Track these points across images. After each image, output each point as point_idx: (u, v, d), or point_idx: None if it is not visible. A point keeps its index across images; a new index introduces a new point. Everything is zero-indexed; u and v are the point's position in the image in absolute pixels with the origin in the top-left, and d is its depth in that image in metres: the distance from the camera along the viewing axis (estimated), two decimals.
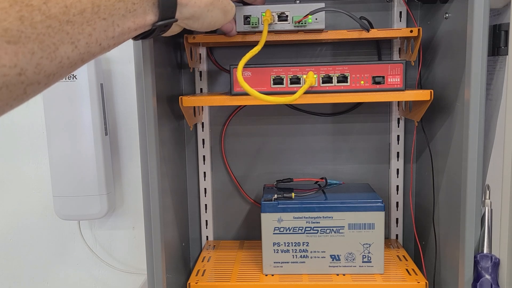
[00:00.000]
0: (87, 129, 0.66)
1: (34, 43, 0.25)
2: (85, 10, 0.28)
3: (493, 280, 0.45)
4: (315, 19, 0.50)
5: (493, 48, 0.47)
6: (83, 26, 0.28)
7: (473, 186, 0.45)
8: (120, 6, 0.31)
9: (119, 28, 0.31)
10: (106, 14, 0.29)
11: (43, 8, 0.25)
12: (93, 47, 0.29)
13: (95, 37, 0.29)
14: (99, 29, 0.29)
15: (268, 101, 0.46)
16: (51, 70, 0.27)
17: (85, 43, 0.28)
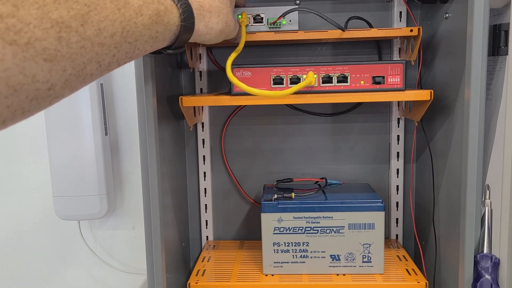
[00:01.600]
0: (87, 129, 0.66)
1: (67, 62, 0.26)
2: (115, 33, 0.30)
3: (493, 280, 0.45)
4: (289, 20, 0.52)
5: (493, 48, 0.47)
6: (110, 48, 0.30)
7: (473, 186, 0.45)
8: (146, 33, 0.33)
9: (138, 51, 0.33)
10: (132, 38, 0.32)
11: (80, 30, 0.27)
12: (113, 66, 0.31)
13: (117, 58, 0.31)
14: (122, 51, 0.31)
15: (262, 95, 0.47)
16: (75, 86, 0.28)
17: (108, 62, 0.30)
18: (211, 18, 0.41)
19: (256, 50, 0.65)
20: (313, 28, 0.60)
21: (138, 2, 0.32)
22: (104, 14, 0.29)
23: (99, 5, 0.28)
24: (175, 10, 0.36)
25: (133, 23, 0.31)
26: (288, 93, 0.47)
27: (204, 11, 0.40)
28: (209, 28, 0.41)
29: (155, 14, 0.33)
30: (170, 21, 0.36)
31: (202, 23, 0.40)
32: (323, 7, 0.62)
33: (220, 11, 0.42)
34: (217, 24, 0.42)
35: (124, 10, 0.30)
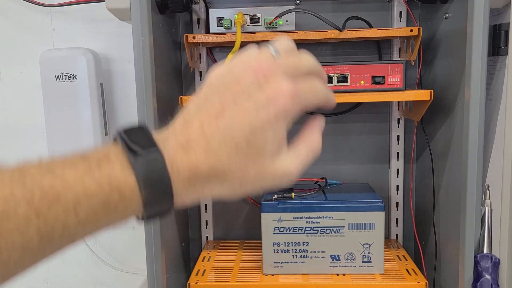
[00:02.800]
0: (87, 129, 0.66)
1: None
2: (29, 244, 0.23)
3: (493, 280, 0.45)
4: (285, 21, 0.51)
5: (493, 48, 0.47)
6: (23, 260, 0.23)
7: (473, 186, 0.45)
8: (86, 229, 0.25)
9: (77, 241, 0.25)
10: (63, 240, 0.24)
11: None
12: (32, 267, 0.24)
13: (42, 260, 0.24)
14: (49, 254, 0.24)
15: None
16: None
17: (24, 268, 0.24)
18: (208, 184, 0.27)
19: None
20: (312, 28, 0.60)
21: (75, 195, 0.24)
22: (9, 227, 0.22)
23: (6, 215, 0.22)
24: (135, 196, 0.25)
25: (61, 225, 0.23)
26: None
27: (198, 177, 0.27)
28: (204, 194, 0.28)
29: (102, 206, 0.24)
30: (128, 207, 0.25)
31: (190, 192, 0.27)
32: (323, 7, 0.62)
33: (227, 172, 0.27)
34: (221, 188, 0.28)
35: (46, 213, 0.23)
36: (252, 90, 0.28)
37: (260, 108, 0.27)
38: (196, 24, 0.64)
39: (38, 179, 0.24)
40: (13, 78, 0.71)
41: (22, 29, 0.70)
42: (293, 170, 0.29)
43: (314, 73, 0.31)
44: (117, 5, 0.49)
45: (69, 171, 0.24)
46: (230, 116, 0.27)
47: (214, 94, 0.28)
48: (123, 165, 0.25)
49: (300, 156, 0.29)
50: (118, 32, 0.68)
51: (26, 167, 0.24)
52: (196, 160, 0.26)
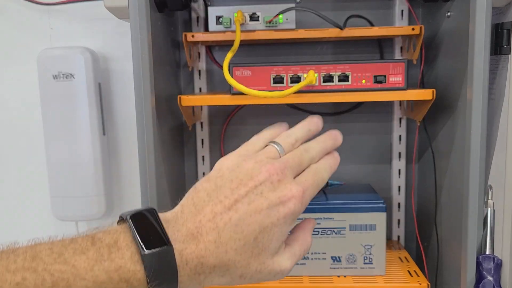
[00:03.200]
0: (84, 128, 0.65)
1: None
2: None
3: (495, 282, 0.45)
4: (285, 19, 0.51)
5: (496, 47, 0.47)
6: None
7: (475, 187, 0.44)
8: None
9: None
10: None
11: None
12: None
13: None
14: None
15: (261, 96, 0.46)
16: None
17: None
18: (211, 274, 0.28)
19: (256, 50, 0.64)
20: (313, 26, 0.60)
21: (85, 285, 0.24)
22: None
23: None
24: (142, 287, 0.26)
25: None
26: (288, 93, 0.46)
27: (204, 268, 0.28)
28: (204, 284, 0.29)
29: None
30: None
31: (193, 282, 0.28)
32: (324, 5, 0.62)
33: (232, 264, 0.28)
34: (221, 279, 0.29)
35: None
36: (265, 189, 0.30)
37: (272, 208, 0.29)
38: (195, 22, 0.63)
39: (49, 265, 0.24)
40: (10, 77, 0.71)
41: (20, 28, 0.70)
42: (288, 268, 0.31)
43: (319, 152, 0.35)
44: (115, 3, 0.49)
45: (80, 258, 0.25)
46: (243, 211, 0.29)
47: (226, 186, 0.30)
48: (132, 256, 0.26)
49: (295, 255, 0.32)
50: (116, 30, 0.68)
51: (37, 251, 0.25)
52: (205, 251, 0.28)
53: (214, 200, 0.29)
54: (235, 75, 0.49)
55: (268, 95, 0.46)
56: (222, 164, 0.32)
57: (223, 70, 0.47)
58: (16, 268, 0.23)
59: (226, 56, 0.48)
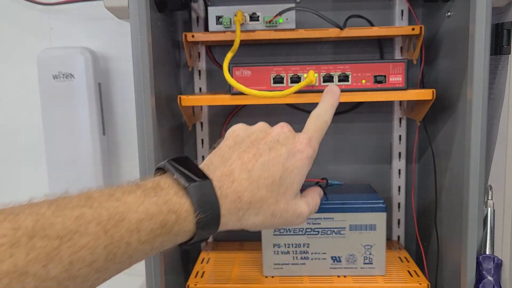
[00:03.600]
0: (84, 128, 0.65)
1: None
2: (97, 260, 0.25)
3: (495, 282, 0.45)
4: (285, 19, 0.51)
5: (496, 47, 0.47)
6: (89, 275, 0.25)
7: (476, 187, 0.44)
8: (145, 248, 0.27)
9: (135, 262, 0.28)
10: (124, 257, 0.26)
11: (41, 272, 0.22)
12: (96, 286, 0.26)
13: (103, 279, 0.26)
14: (110, 272, 0.26)
15: (261, 96, 0.46)
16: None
17: (89, 286, 0.25)
18: (248, 211, 0.31)
19: (256, 50, 0.64)
20: (313, 26, 0.60)
21: (138, 216, 0.26)
22: (81, 243, 0.24)
23: (78, 232, 0.24)
24: (190, 217, 0.28)
25: (125, 243, 0.26)
26: (288, 93, 0.46)
27: (242, 203, 0.31)
28: (242, 222, 0.32)
29: (160, 227, 0.27)
30: (182, 229, 0.29)
31: (233, 217, 0.31)
32: (324, 6, 0.62)
33: (265, 201, 0.32)
34: (256, 217, 0.32)
35: (113, 231, 0.25)
36: (280, 138, 0.34)
37: (289, 152, 0.34)
38: (195, 22, 0.63)
39: (104, 202, 0.26)
40: (10, 77, 0.71)
41: (20, 28, 0.70)
42: (306, 212, 0.36)
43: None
44: (115, 3, 0.49)
45: (129, 196, 0.27)
46: (266, 155, 0.33)
47: (245, 140, 0.34)
48: (176, 191, 0.29)
49: (309, 205, 0.37)
50: (116, 30, 0.68)
51: (89, 193, 0.27)
52: (240, 186, 0.31)
53: (238, 150, 0.33)
54: (235, 75, 0.49)
55: (268, 95, 0.46)
56: (234, 129, 0.36)
57: (223, 70, 0.47)
58: (73, 206, 0.25)
59: (226, 56, 0.48)
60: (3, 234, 0.22)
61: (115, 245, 0.25)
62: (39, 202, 0.25)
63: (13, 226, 0.23)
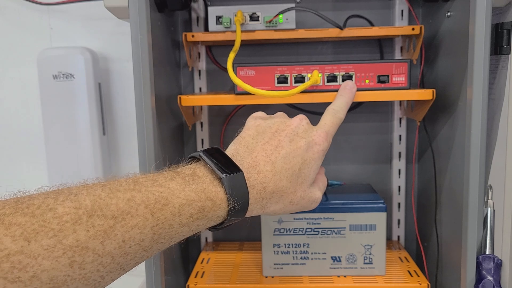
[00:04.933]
0: (84, 128, 0.65)
1: (79, 282, 0.24)
2: (144, 240, 0.27)
3: (495, 282, 0.45)
4: (285, 19, 0.51)
5: (496, 47, 0.47)
6: (137, 253, 0.27)
7: (476, 187, 0.44)
8: (183, 230, 0.29)
9: (173, 243, 0.30)
10: (166, 239, 0.29)
11: (98, 247, 0.24)
12: (138, 264, 0.28)
13: (146, 257, 0.28)
14: (153, 251, 0.28)
15: (268, 95, 0.46)
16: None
17: (135, 263, 0.28)
18: (270, 200, 0.35)
19: (255, 50, 0.64)
20: (313, 26, 0.60)
21: (180, 201, 0.29)
22: (132, 223, 0.26)
23: (130, 214, 0.26)
24: (224, 204, 0.31)
25: (168, 225, 0.28)
26: (294, 93, 0.46)
27: (266, 193, 0.34)
28: (265, 209, 0.35)
29: (198, 212, 0.30)
30: (215, 214, 0.31)
31: (258, 206, 0.34)
32: (324, 6, 0.62)
33: (285, 191, 0.35)
34: (276, 205, 0.35)
35: (159, 214, 0.27)
36: (299, 131, 0.37)
37: (308, 144, 0.37)
38: (195, 22, 0.63)
39: (150, 187, 0.28)
40: (11, 77, 0.71)
41: (20, 28, 0.69)
42: (320, 197, 0.39)
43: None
44: (115, 3, 0.49)
45: (172, 183, 0.29)
46: (287, 147, 0.36)
47: (267, 131, 0.37)
48: (212, 180, 0.31)
49: (321, 189, 0.40)
50: (116, 30, 0.68)
51: (136, 178, 0.29)
52: (265, 178, 0.34)
53: (261, 141, 0.36)
54: (239, 75, 0.49)
55: (275, 94, 0.46)
56: (255, 117, 0.40)
57: (228, 70, 0.47)
58: (124, 189, 0.27)
59: (228, 56, 0.48)
60: (66, 212, 0.24)
61: (160, 226, 0.28)
62: (92, 184, 0.27)
63: (75, 206, 0.25)
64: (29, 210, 0.23)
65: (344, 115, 0.43)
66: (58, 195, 0.25)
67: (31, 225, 0.23)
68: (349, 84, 0.46)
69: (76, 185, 0.28)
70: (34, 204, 0.24)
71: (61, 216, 0.24)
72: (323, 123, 0.40)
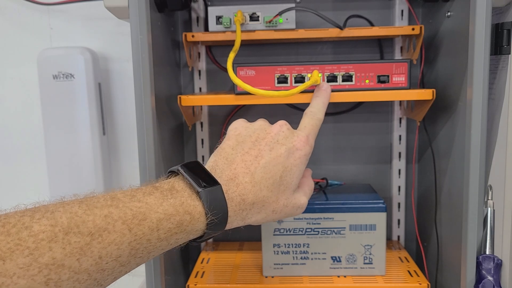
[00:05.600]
0: (84, 128, 0.65)
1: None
2: (121, 255, 0.27)
3: (495, 282, 0.45)
4: (285, 19, 0.51)
5: (496, 47, 0.47)
6: (114, 269, 0.27)
7: (475, 187, 0.44)
8: (162, 244, 0.29)
9: (152, 257, 0.30)
10: (144, 253, 0.28)
11: (75, 265, 0.24)
12: (118, 278, 0.28)
13: (124, 272, 0.28)
14: (131, 266, 0.28)
15: (268, 96, 0.46)
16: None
17: (113, 278, 0.28)
18: (251, 211, 0.34)
19: (255, 49, 0.64)
20: (313, 26, 0.60)
21: (158, 216, 0.29)
22: (109, 240, 0.26)
23: (107, 230, 0.26)
24: (203, 218, 0.31)
25: (146, 240, 0.28)
26: (294, 93, 0.46)
27: (246, 204, 0.34)
28: (246, 220, 0.35)
29: (177, 226, 0.30)
30: (194, 228, 0.31)
31: (238, 217, 0.34)
32: (324, 6, 0.62)
33: (266, 200, 0.35)
34: (258, 215, 0.35)
35: (136, 229, 0.27)
36: (279, 138, 0.37)
37: (289, 151, 0.36)
38: (195, 22, 0.63)
39: (128, 203, 0.28)
40: (11, 77, 0.71)
41: (20, 28, 0.69)
42: (305, 202, 0.38)
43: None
44: (115, 3, 0.49)
45: (150, 198, 0.29)
46: (267, 156, 0.35)
47: (247, 140, 0.36)
48: (190, 194, 0.31)
49: (306, 193, 0.39)
50: (116, 30, 0.68)
51: (113, 194, 0.29)
52: (244, 190, 0.34)
53: (240, 152, 0.35)
54: (239, 75, 0.49)
55: (275, 94, 0.46)
56: (235, 126, 0.39)
57: (228, 70, 0.47)
58: (101, 205, 0.27)
59: (228, 56, 0.48)
60: (42, 230, 0.24)
61: (137, 242, 0.28)
62: (69, 201, 0.27)
63: (51, 223, 0.25)
64: (4, 229, 0.23)
65: (322, 115, 0.42)
66: (34, 213, 0.25)
67: (6, 244, 0.23)
68: (324, 85, 0.46)
69: (53, 202, 0.27)
70: (10, 222, 0.24)
71: (37, 234, 0.24)
72: (302, 126, 0.40)
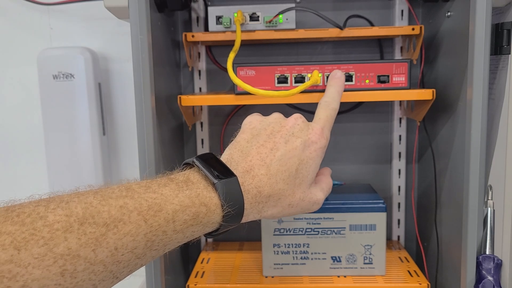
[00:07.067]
0: (84, 128, 0.65)
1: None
2: (137, 247, 0.26)
3: (495, 282, 0.45)
4: (285, 19, 0.51)
5: (496, 47, 0.47)
6: (130, 261, 0.26)
7: (475, 187, 0.44)
8: (178, 237, 0.29)
9: (168, 250, 0.30)
10: (160, 245, 0.28)
11: (90, 256, 0.24)
12: (133, 271, 0.28)
13: (139, 265, 0.28)
14: (147, 258, 0.28)
15: (268, 96, 0.46)
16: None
17: (129, 271, 0.27)
18: (267, 204, 0.34)
19: (255, 49, 0.64)
20: (313, 26, 0.60)
21: (174, 207, 0.28)
22: (125, 231, 0.26)
23: (122, 221, 0.26)
24: (219, 210, 0.31)
25: (162, 231, 0.27)
26: (294, 93, 0.46)
27: (262, 197, 0.33)
28: (262, 213, 0.34)
29: (192, 218, 0.29)
30: (210, 220, 0.31)
31: (254, 210, 0.33)
32: (324, 6, 0.62)
33: (282, 193, 0.34)
34: (274, 208, 0.34)
35: (152, 220, 0.27)
36: (295, 130, 0.36)
37: (304, 144, 0.36)
38: (195, 22, 0.63)
39: (143, 194, 0.28)
40: (11, 77, 0.71)
41: (20, 28, 0.69)
42: (322, 198, 0.38)
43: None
44: (115, 3, 0.49)
45: (165, 189, 0.29)
46: (283, 149, 0.35)
47: (262, 133, 0.36)
48: (206, 186, 0.31)
49: (324, 190, 0.38)
50: (116, 30, 0.68)
51: (128, 185, 0.29)
52: (260, 182, 0.33)
53: (255, 144, 0.35)
54: (239, 75, 0.49)
55: (275, 94, 0.47)
56: (250, 120, 0.38)
57: (228, 70, 0.47)
58: (116, 196, 0.27)
59: (228, 56, 0.48)
60: (57, 220, 0.24)
61: (153, 233, 0.27)
62: (84, 192, 0.27)
63: (66, 213, 0.24)
64: (19, 219, 0.23)
65: (338, 105, 0.41)
66: (49, 203, 0.25)
67: (21, 234, 0.22)
68: (338, 73, 0.45)
69: (68, 192, 0.27)
70: (25, 212, 0.24)
71: (52, 224, 0.23)
72: (317, 118, 0.39)
